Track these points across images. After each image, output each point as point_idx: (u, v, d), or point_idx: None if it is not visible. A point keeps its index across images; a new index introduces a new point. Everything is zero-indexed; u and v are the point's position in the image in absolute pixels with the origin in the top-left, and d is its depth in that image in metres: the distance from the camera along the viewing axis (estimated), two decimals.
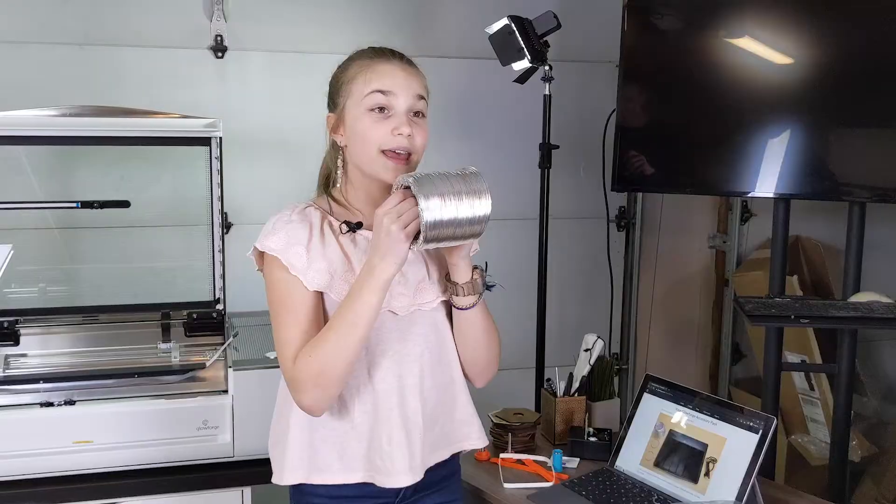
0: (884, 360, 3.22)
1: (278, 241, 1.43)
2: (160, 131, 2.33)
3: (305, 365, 1.38)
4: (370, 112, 1.44)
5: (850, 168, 2.46)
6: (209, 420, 2.05)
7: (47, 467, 1.97)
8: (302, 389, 1.39)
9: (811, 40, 2.41)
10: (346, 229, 1.46)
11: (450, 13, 2.99)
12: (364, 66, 1.47)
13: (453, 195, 1.33)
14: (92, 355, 2.28)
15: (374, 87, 1.44)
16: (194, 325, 2.39)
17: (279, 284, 1.43)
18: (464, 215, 1.34)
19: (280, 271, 1.42)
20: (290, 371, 1.40)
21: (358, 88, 1.45)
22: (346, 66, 1.50)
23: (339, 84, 1.50)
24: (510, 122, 3.02)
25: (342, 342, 1.37)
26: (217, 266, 2.41)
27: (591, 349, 2.11)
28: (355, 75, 1.47)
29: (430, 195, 1.31)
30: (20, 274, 2.44)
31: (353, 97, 1.46)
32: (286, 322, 1.42)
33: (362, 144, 1.45)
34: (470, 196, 1.35)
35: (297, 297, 1.42)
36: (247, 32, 2.78)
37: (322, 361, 1.37)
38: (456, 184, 1.34)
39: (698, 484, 1.75)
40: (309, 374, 1.38)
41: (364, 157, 1.45)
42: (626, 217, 3.32)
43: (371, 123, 1.43)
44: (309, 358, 1.38)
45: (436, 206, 1.31)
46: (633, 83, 2.59)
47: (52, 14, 2.60)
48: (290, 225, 1.44)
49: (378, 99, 1.43)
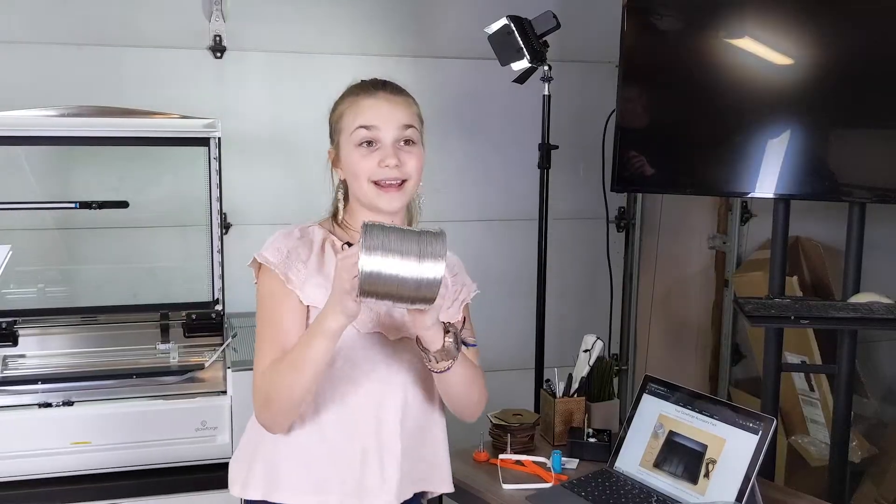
0: (884, 361, 3.21)
1: (278, 255, 1.44)
2: (159, 131, 2.33)
3: (263, 381, 1.41)
4: (358, 147, 1.47)
5: (850, 168, 2.46)
6: (208, 421, 2.05)
7: (45, 468, 1.97)
8: (256, 403, 1.43)
9: (811, 41, 2.41)
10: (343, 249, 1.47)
11: (449, 13, 2.99)
12: (350, 102, 1.51)
13: (399, 253, 1.26)
14: (90, 356, 2.29)
15: (359, 123, 1.48)
16: (193, 325, 2.39)
17: (270, 298, 1.45)
18: (407, 275, 1.26)
19: (274, 285, 1.44)
20: (255, 379, 1.43)
21: (346, 125, 1.49)
22: (338, 104, 1.54)
23: (332, 121, 1.54)
24: (510, 122, 3.02)
25: (288, 379, 1.37)
26: (216, 266, 2.42)
27: (590, 350, 2.11)
28: (343, 112, 1.51)
29: (373, 248, 1.25)
30: (19, 274, 2.44)
31: (343, 133, 1.50)
32: (267, 335, 1.44)
33: (355, 178, 1.49)
34: (420, 257, 1.27)
35: (284, 313, 1.43)
36: (246, 33, 2.78)
37: (271, 388, 1.39)
38: (408, 242, 1.27)
39: (698, 485, 1.75)
40: (262, 393, 1.41)
41: (359, 189, 1.49)
42: (626, 217, 3.32)
43: (359, 158, 1.47)
44: (266, 379, 1.40)
45: (376, 260, 1.25)
46: (633, 83, 2.59)
47: (50, 14, 2.60)
48: (290, 240, 1.46)
49: (363, 134, 1.47)
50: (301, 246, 1.46)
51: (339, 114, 1.52)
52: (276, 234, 1.48)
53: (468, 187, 3.03)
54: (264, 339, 1.44)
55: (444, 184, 2.95)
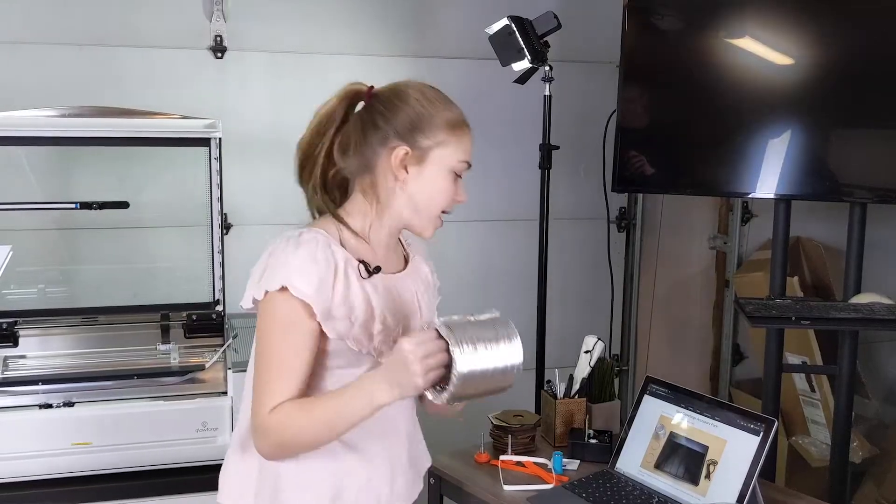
0: (885, 362, 3.21)
1: (309, 285, 1.33)
2: (159, 132, 2.33)
3: (279, 425, 1.33)
4: (452, 174, 1.44)
5: (851, 169, 2.46)
6: (208, 422, 2.05)
7: (46, 469, 1.97)
8: (264, 441, 1.36)
9: (812, 41, 2.40)
10: (367, 275, 1.41)
11: (450, 14, 2.99)
12: (461, 127, 1.44)
13: (486, 347, 1.28)
14: (91, 357, 2.28)
15: (465, 158, 1.45)
16: (194, 326, 2.39)
17: (289, 331, 1.34)
18: (497, 367, 1.29)
19: (296, 316, 1.33)
20: (262, 417, 1.34)
21: (453, 149, 1.43)
22: (439, 111, 1.43)
23: (431, 125, 1.42)
24: (510, 122, 3.02)
25: (316, 434, 1.35)
26: (216, 267, 2.41)
27: (591, 351, 2.11)
28: (454, 132, 1.43)
29: (465, 349, 1.26)
30: (19, 275, 2.44)
31: (444, 151, 1.42)
32: (278, 372, 1.34)
33: (430, 200, 1.43)
34: (501, 345, 1.29)
35: (301, 350, 1.35)
36: (246, 33, 2.78)
37: (289, 436, 1.34)
38: (487, 333, 1.29)
39: (699, 486, 1.75)
40: (277, 436, 1.34)
41: (424, 210, 1.43)
42: (627, 218, 3.32)
43: (449, 186, 1.43)
44: (285, 423, 1.33)
45: (468, 360, 1.26)
46: (634, 84, 2.58)
47: (51, 14, 2.60)
48: (317, 266, 1.35)
49: (464, 169, 1.45)
50: (327, 271, 1.35)
51: (446, 125, 1.42)
52: (301, 256, 1.35)
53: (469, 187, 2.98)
54: (275, 375, 1.34)
55: None
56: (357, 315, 1.38)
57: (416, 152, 1.41)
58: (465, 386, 1.27)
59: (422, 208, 1.44)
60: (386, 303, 1.42)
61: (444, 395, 1.28)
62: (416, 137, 1.41)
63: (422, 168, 1.42)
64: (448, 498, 1.96)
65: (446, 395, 1.28)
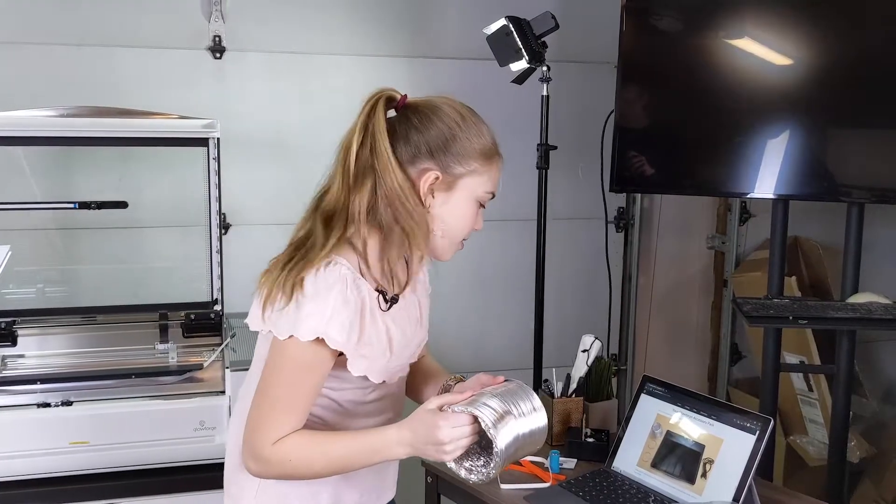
0: (883, 361, 3.21)
1: (343, 332, 1.30)
2: (158, 132, 2.33)
3: (284, 456, 1.32)
4: (476, 204, 1.40)
5: (849, 169, 2.46)
6: (206, 421, 2.05)
7: (44, 468, 1.97)
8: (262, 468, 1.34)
9: (810, 41, 2.41)
10: (388, 306, 1.39)
11: (448, 14, 2.99)
12: (493, 158, 1.41)
13: (515, 416, 1.34)
14: (89, 356, 2.29)
15: (493, 189, 1.42)
16: (192, 325, 2.39)
17: (306, 371, 1.32)
18: (529, 435, 1.36)
19: (319, 359, 1.31)
20: (263, 449, 1.31)
21: (483, 178, 1.39)
22: (474, 139, 1.38)
23: (465, 151, 1.37)
24: (508, 122, 2.98)
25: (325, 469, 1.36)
26: (215, 267, 2.42)
27: (588, 350, 2.11)
28: (485, 162, 1.39)
29: (498, 425, 1.31)
30: (18, 274, 2.45)
31: (474, 180, 1.38)
32: (286, 404, 1.32)
33: (454, 228, 1.40)
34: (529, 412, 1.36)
35: (312, 387, 1.34)
36: (245, 33, 2.78)
37: (294, 471, 1.34)
38: (513, 404, 1.35)
39: (695, 485, 1.75)
40: (280, 467, 1.33)
41: (446, 238, 1.40)
42: (625, 218, 3.32)
43: (473, 215, 1.40)
44: (291, 455, 1.32)
45: (505, 437, 1.31)
46: (632, 84, 2.59)
47: (49, 14, 2.60)
48: (348, 309, 1.31)
49: (488, 199, 1.42)
50: (356, 314, 1.32)
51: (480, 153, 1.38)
52: (331, 300, 1.29)
53: None
54: (283, 410, 1.31)
55: None
56: (376, 350, 1.38)
57: (446, 178, 1.36)
58: (504, 462, 1.34)
59: (444, 236, 1.40)
60: (401, 330, 1.43)
61: (483, 472, 1.36)
62: (448, 162, 1.36)
63: (449, 195, 1.38)
64: (445, 497, 1.97)
65: (486, 472, 1.35)
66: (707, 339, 3.36)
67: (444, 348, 1.50)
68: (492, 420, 1.30)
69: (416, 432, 1.32)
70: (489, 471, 1.35)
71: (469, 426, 1.31)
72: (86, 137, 2.32)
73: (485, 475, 1.36)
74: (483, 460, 1.36)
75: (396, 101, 1.39)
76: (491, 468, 1.34)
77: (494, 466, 1.33)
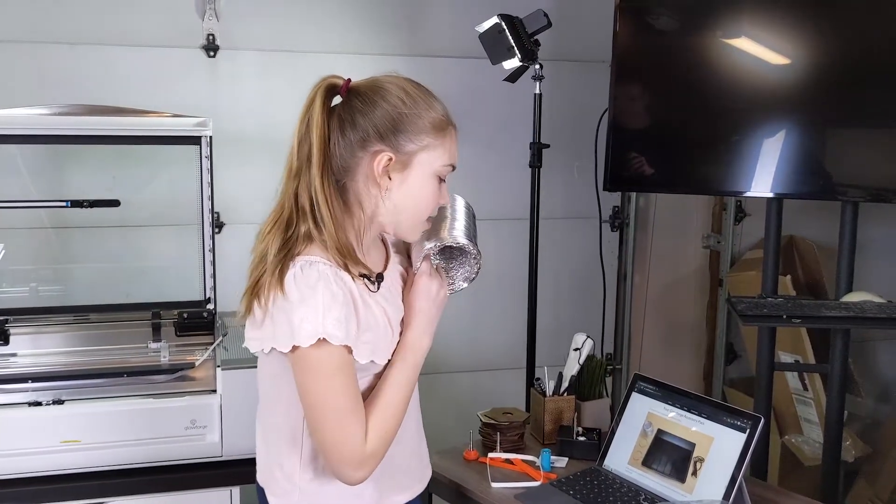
0: (877, 360, 3.21)
1: (341, 328, 1.28)
2: (150, 130, 2.33)
3: (379, 439, 1.34)
4: (437, 179, 1.38)
5: (844, 168, 2.45)
6: (197, 419, 2.05)
7: (35, 467, 1.96)
8: (371, 466, 1.34)
9: (806, 40, 2.40)
10: (377, 287, 1.38)
11: (441, 12, 2.99)
12: (447, 130, 1.38)
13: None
14: (82, 355, 2.28)
15: (452, 162, 1.39)
16: (185, 324, 2.39)
17: (339, 373, 1.30)
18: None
19: (339, 358, 1.29)
20: (362, 455, 1.31)
21: (439, 152, 1.36)
22: (423, 114, 1.35)
23: (415, 127, 1.34)
24: (501, 121, 3.02)
25: (396, 425, 1.38)
26: (208, 266, 2.41)
27: (580, 348, 2.11)
28: (439, 136, 1.36)
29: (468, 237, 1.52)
30: (11, 273, 2.45)
31: (428, 154, 1.35)
32: (347, 415, 1.31)
33: (417, 206, 1.38)
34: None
35: (354, 385, 1.33)
36: (239, 31, 2.78)
37: (381, 447, 1.35)
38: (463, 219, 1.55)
39: (686, 483, 1.75)
40: (383, 446, 1.35)
41: (410, 217, 1.38)
42: (620, 217, 3.31)
43: (434, 191, 1.38)
44: (380, 434, 1.34)
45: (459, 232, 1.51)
46: (626, 82, 2.58)
47: (43, 13, 2.60)
48: (337, 303, 1.29)
49: (447, 173, 1.40)
50: (349, 308, 1.31)
51: (431, 128, 1.35)
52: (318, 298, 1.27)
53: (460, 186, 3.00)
54: (347, 421, 1.30)
55: None
56: (378, 333, 1.37)
57: (400, 157, 1.34)
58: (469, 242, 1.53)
59: (407, 216, 1.38)
60: (395, 306, 1.42)
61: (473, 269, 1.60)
62: (399, 141, 1.33)
63: (406, 174, 1.35)
64: (437, 496, 1.96)
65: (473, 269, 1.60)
66: (702, 338, 3.36)
67: (437, 347, 1.49)
68: (433, 241, 1.46)
69: (418, 318, 1.43)
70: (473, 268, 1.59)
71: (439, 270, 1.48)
72: (79, 136, 2.31)
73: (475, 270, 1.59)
74: (464, 267, 1.58)
75: (339, 88, 1.36)
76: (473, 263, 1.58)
77: (475, 259, 1.57)
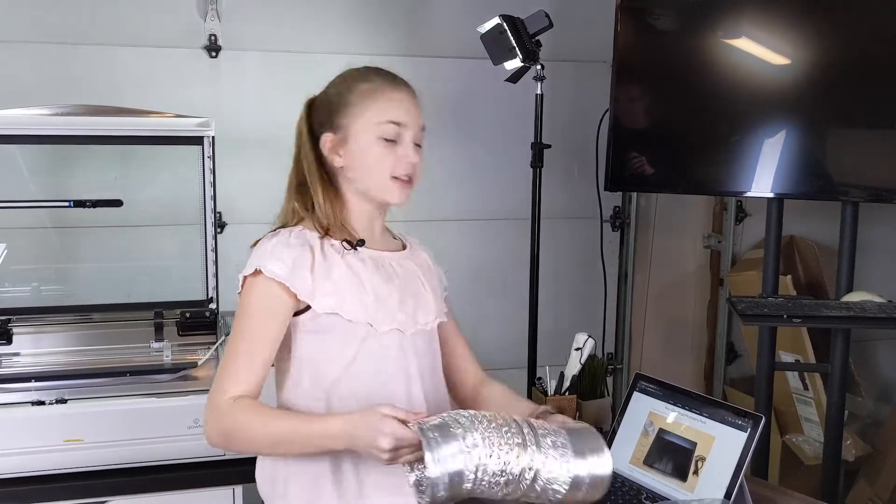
0: (878, 360, 3.22)
1: (283, 266, 1.35)
2: (153, 131, 2.34)
3: (233, 418, 1.32)
4: (381, 140, 1.41)
5: (844, 168, 2.46)
6: (200, 419, 2.03)
7: (38, 466, 1.97)
8: (213, 423, 1.34)
9: (807, 41, 2.41)
10: (349, 247, 1.42)
11: (442, 13, 2.99)
12: (377, 91, 1.43)
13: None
14: (84, 354, 2.29)
15: (391, 118, 1.42)
16: (187, 324, 2.39)
17: (261, 311, 1.36)
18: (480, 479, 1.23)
19: (269, 299, 1.35)
20: (220, 400, 1.33)
21: (371, 115, 1.42)
22: (352, 87, 1.44)
23: (342, 104, 1.44)
24: (503, 121, 3.03)
25: (262, 446, 1.36)
26: (210, 265, 2.42)
27: (581, 348, 2.11)
28: (367, 100, 1.42)
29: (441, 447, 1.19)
30: (13, 273, 2.45)
31: (361, 122, 1.42)
32: (244, 348, 1.35)
33: (371, 171, 1.42)
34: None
35: (269, 330, 1.36)
36: (241, 32, 2.79)
37: (238, 430, 1.33)
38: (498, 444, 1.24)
39: (687, 482, 1.75)
40: (226, 426, 1.33)
41: (372, 181, 1.43)
42: (621, 217, 3.32)
43: (383, 151, 1.41)
44: (239, 419, 1.31)
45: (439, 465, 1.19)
46: (627, 83, 2.59)
47: (45, 13, 2.61)
48: (292, 249, 1.37)
49: (393, 130, 1.42)
50: (302, 253, 1.38)
51: (359, 99, 1.43)
52: (273, 242, 1.38)
53: (461, 186, 3.03)
54: (239, 352, 1.35)
55: (438, 183, 2.96)
56: (344, 288, 1.38)
57: (338, 135, 1.43)
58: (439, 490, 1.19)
59: (369, 181, 1.43)
60: (377, 275, 1.42)
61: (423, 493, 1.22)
62: (335, 121, 1.43)
63: (348, 147, 1.43)
64: None
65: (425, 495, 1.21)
66: (703, 338, 3.36)
67: None
68: (434, 445, 1.19)
69: (357, 426, 1.28)
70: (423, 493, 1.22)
71: (410, 436, 1.25)
72: (81, 136, 2.32)
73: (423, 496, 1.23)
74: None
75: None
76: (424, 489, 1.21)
77: (425, 489, 1.20)
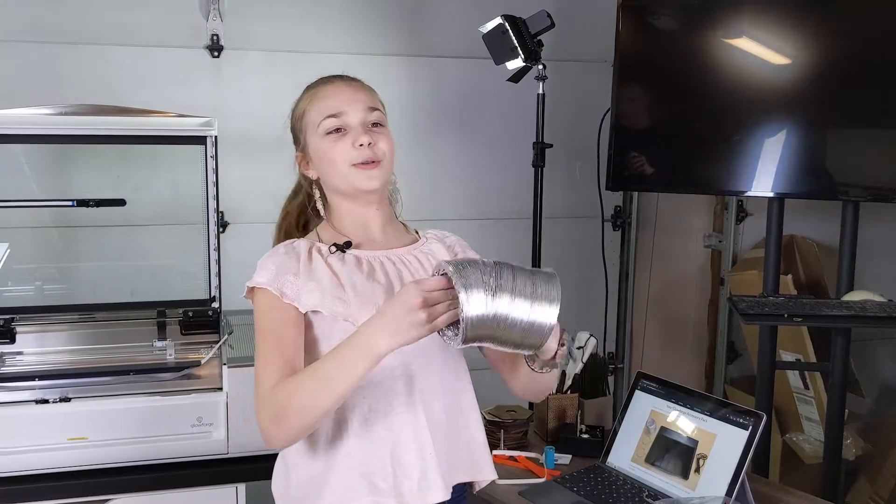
0: (878, 359, 3.22)
1: (267, 275, 1.43)
2: (156, 130, 2.34)
3: (275, 398, 1.33)
4: (328, 136, 1.46)
5: (845, 167, 2.47)
6: (203, 417, 2.06)
7: (42, 464, 1.97)
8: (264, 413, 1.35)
9: (808, 40, 2.42)
10: (335, 250, 1.46)
11: (444, 13, 3.00)
12: (310, 96, 1.51)
13: (509, 293, 1.19)
14: (88, 353, 2.29)
15: (326, 113, 1.47)
16: (190, 323, 2.39)
17: (270, 311, 1.42)
18: (517, 317, 1.20)
19: (270, 300, 1.41)
20: (265, 398, 1.35)
21: (312, 119, 1.48)
22: (298, 104, 1.54)
23: (295, 122, 1.54)
24: (505, 121, 3.03)
25: (316, 396, 1.31)
26: (213, 264, 2.42)
27: (583, 347, 2.12)
28: (306, 108, 1.50)
29: (471, 287, 1.17)
30: (16, 272, 2.45)
31: (309, 129, 1.49)
32: (270, 343, 1.40)
33: (331, 165, 1.47)
34: (533, 299, 1.20)
35: (285, 324, 1.40)
36: (243, 32, 2.79)
37: (288, 403, 1.32)
38: (519, 281, 1.20)
39: (689, 480, 1.76)
40: (275, 409, 1.33)
41: (337, 176, 1.47)
42: (622, 216, 3.33)
43: (332, 145, 1.46)
44: (280, 393, 1.33)
45: (479, 301, 1.17)
46: (628, 82, 2.60)
47: (47, 13, 2.61)
48: (276, 257, 1.45)
49: (332, 123, 1.46)
50: (287, 260, 1.44)
51: (301, 112, 1.51)
52: (264, 258, 1.47)
53: (463, 186, 3.04)
54: (267, 348, 1.39)
55: (439, 182, 2.97)
56: (325, 286, 1.42)
57: (302, 150, 1.52)
58: (475, 329, 1.18)
59: (335, 176, 1.48)
60: (357, 273, 1.44)
61: (458, 341, 1.20)
62: (297, 140, 1.53)
63: (310, 154, 1.50)
64: None
65: (459, 340, 1.20)
66: (704, 337, 3.37)
67: None
68: (464, 283, 1.17)
69: (384, 309, 1.27)
70: (459, 339, 1.20)
71: (437, 280, 1.24)
72: (84, 135, 2.32)
73: (453, 342, 1.23)
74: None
75: None
76: (459, 338, 1.20)
77: (461, 332, 1.18)
